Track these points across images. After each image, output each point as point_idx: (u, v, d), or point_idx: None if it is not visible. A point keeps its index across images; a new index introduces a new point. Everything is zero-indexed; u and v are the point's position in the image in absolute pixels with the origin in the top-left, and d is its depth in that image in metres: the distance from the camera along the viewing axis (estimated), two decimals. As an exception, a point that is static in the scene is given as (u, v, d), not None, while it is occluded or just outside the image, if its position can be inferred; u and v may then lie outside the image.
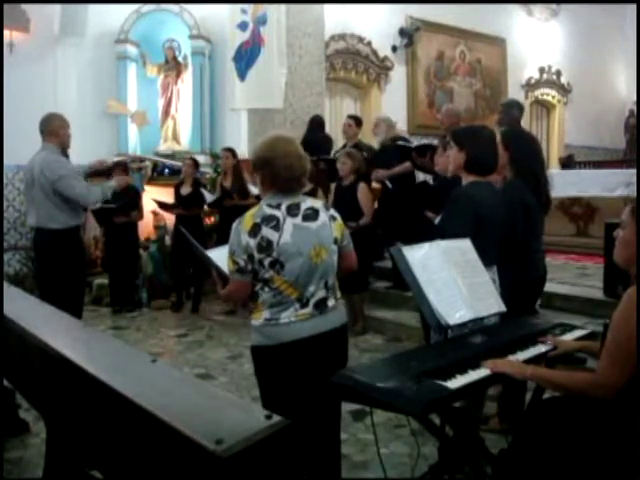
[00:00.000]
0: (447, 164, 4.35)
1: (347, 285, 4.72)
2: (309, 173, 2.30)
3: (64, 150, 4.25)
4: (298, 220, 2.18)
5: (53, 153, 4.04)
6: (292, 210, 2.19)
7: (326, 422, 2.33)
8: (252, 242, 2.12)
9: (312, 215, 2.23)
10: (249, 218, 2.16)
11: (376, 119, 6.22)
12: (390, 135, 5.90)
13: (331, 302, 2.27)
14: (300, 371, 2.16)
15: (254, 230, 2.12)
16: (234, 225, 2.19)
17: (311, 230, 2.20)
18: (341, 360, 2.30)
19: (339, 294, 2.35)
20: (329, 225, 2.27)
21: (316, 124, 6.57)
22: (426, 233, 2.76)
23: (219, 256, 2.38)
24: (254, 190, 6.06)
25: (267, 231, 2.12)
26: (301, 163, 2.23)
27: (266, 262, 2.13)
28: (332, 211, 2.33)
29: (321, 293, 2.23)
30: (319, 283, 2.22)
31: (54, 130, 4.07)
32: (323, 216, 2.26)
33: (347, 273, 2.44)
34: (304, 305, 2.19)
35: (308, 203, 2.26)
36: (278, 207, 2.18)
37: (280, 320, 2.16)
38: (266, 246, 2.12)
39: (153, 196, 6.81)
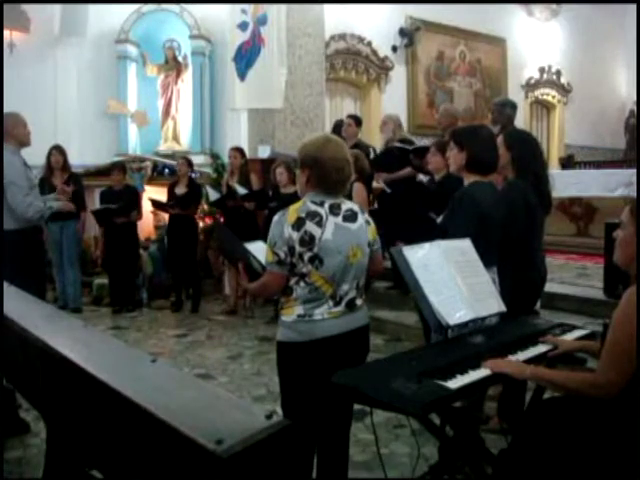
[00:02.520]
0: (440, 164, 4.39)
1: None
2: None
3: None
4: (339, 219, 2.23)
5: (9, 154, 3.95)
6: (334, 209, 2.23)
7: (343, 420, 2.37)
8: (295, 235, 2.15)
9: (351, 216, 2.27)
10: (293, 212, 2.19)
11: (384, 117, 6.13)
12: (397, 135, 5.85)
13: (359, 302, 2.32)
14: (327, 368, 2.17)
15: (298, 223, 2.15)
16: (275, 218, 2.22)
17: (350, 230, 2.25)
18: (363, 358, 2.34)
19: (364, 295, 2.39)
20: (365, 228, 2.32)
21: (338, 130, 6.54)
22: (426, 233, 2.77)
23: (253, 249, 2.42)
24: (240, 190, 6.05)
25: (311, 226, 2.16)
26: (349, 167, 2.29)
27: (306, 256, 2.16)
28: (366, 215, 2.38)
29: (352, 293, 2.27)
30: (352, 283, 2.26)
31: (7, 130, 3.98)
32: (360, 219, 2.31)
33: (374, 275, 2.48)
34: (337, 303, 2.23)
35: (348, 205, 2.30)
36: (321, 205, 2.22)
37: (314, 316, 2.19)
38: (308, 240, 2.15)
39: (152, 196, 6.81)
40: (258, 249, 2.40)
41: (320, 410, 2.22)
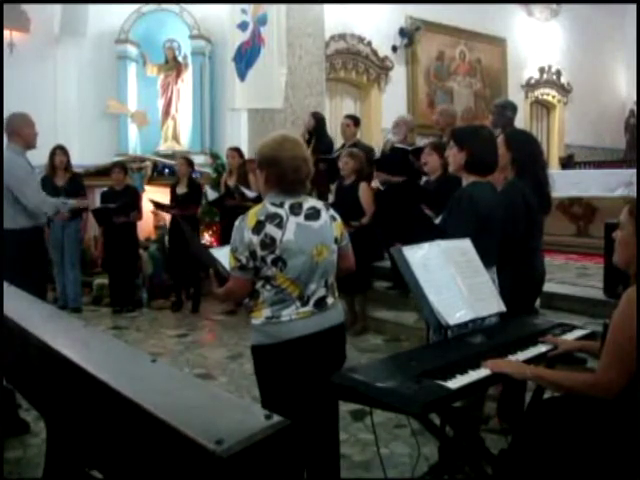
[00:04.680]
0: (435, 163, 4.41)
1: (350, 286, 4.73)
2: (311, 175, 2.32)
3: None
4: (301, 219, 2.20)
5: (15, 154, 3.95)
6: (295, 209, 2.21)
7: (326, 421, 2.34)
8: (255, 239, 2.13)
9: (314, 214, 2.25)
10: (252, 216, 2.17)
11: (398, 118, 6.11)
12: (408, 139, 5.82)
13: (330, 300, 2.29)
14: (301, 369, 2.17)
15: (257, 227, 2.14)
16: (236, 223, 2.20)
17: (313, 229, 2.22)
18: (340, 358, 2.32)
19: (337, 293, 2.36)
20: (330, 225, 2.29)
21: (323, 122, 6.55)
22: (424, 233, 2.76)
23: (222, 255, 2.40)
24: (249, 194, 6.05)
25: (271, 228, 2.14)
26: (307, 166, 2.26)
27: (269, 259, 2.14)
28: (332, 211, 2.35)
29: (321, 291, 2.25)
30: (320, 281, 2.24)
31: (15, 130, 3.98)
32: (324, 216, 2.28)
33: (346, 273, 2.45)
34: (305, 303, 2.20)
35: (310, 203, 2.28)
36: (281, 206, 2.20)
37: (281, 318, 2.17)
38: (269, 243, 2.13)
39: (152, 196, 6.81)
40: (226, 255, 2.36)
41: (301, 412, 2.16)
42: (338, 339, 2.33)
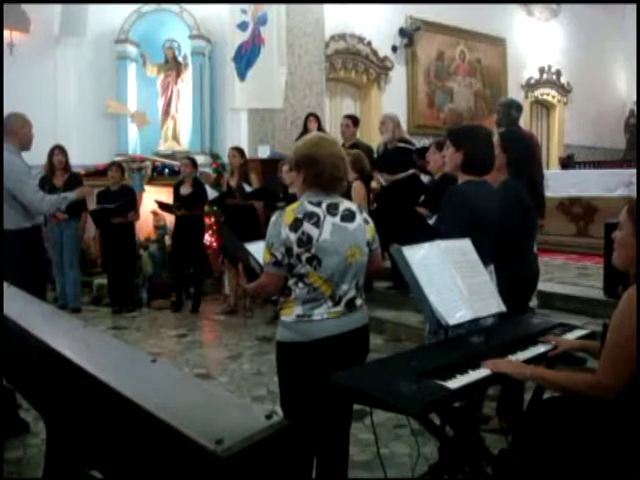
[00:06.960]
0: (438, 162, 4.40)
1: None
2: None
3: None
4: (337, 219, 2.23)
5: (11, 154, 3.91)
6: (331, 209, 2.23)
7: (341, 420, 2.37)
8: (292, 236, 2.15)
9: (349, 216, 2.27)
10: (290, 213, 2.19)
11: (382, 117, 6.13)
12: (397, 134, 5.84)
13: (359, 302, 2.31)
14: (326, 368, 2.17)
15: (295, 225, 2.16)
16: (273, 219, 2.22)
17: (348, 230, 2.24)
18: (363, 358, 2.34)
19: (363, 295, 2.38)
20: (363, 227, 2.31)
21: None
22: (421, 232, 2.76)
23: (255, 250, 2.42)
24: (248, 188, 6.06)
25: (308, 227, 2.16)
26: (344, 164, 2.29)
27: (304, 257, 2.16)
28: (365, 214, 2.38)
29: (352, 293, 2.27)
30: (351, 282, 2.26)
31: (12, 130, 3.94)
32: (359, 218, 2.30)
33: (374, 275, 2.48)
34: (336, 303, 2.23)
35: (345, 204, 2.30)
36: (319, 205, 2.22)
37: (313, 317, 2.19)
38: (306, 241, 2.15)
39: (153, 196, 6.80)
40: (258, 249, 2.40)
41: (320, 410, 2.22)
42: (363, 340, 2.36)
